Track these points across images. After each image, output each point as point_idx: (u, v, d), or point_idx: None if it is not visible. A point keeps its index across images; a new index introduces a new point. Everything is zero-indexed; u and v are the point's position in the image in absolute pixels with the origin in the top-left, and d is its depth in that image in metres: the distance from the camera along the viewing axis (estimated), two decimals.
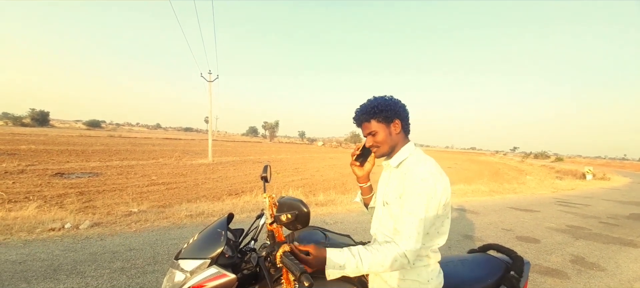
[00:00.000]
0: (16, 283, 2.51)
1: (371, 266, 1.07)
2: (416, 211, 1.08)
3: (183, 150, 27.25)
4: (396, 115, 1.23)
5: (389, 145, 1.25)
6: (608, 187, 15.61)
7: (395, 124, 1.23)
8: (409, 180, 1.13)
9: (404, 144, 1.26)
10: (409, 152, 1.23)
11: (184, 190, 10.29)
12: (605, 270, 3.78)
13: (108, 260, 3.05)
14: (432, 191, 1.09)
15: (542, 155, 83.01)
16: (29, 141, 23.48)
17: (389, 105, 1.22)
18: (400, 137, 1.26)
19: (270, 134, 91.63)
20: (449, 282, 1.32)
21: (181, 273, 1.11)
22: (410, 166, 1.17)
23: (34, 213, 4.50)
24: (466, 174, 22.28)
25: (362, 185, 1.47)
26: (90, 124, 78.77)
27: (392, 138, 1.24)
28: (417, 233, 1.07)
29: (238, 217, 4.94)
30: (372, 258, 1.07)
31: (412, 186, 1.10)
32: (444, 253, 1.31)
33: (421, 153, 1.23)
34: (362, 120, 1.26)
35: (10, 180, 10.03)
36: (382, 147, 1.25)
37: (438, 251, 1.24)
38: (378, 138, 1.24)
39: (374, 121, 1.23)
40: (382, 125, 1.23)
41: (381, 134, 1.23)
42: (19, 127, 48.46)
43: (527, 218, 6.47)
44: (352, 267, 1.06)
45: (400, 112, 1.24)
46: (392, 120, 1.23)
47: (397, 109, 1.23)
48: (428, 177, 1.10)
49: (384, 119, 1.22)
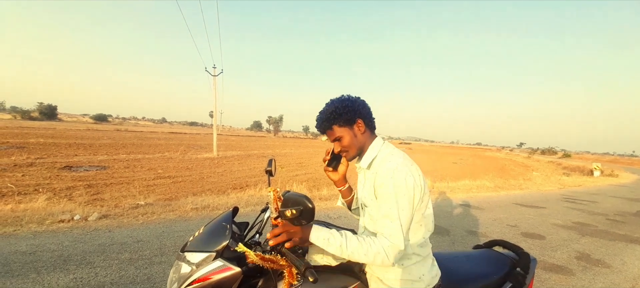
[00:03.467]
0: (26, 273, 2.57)
1: (354, 253, 1.06)
2: (390, 210, 1.06)
3: (188, 144, 27.46)
4: (357, 115, 1.20)
5: (356, 147, 1.23)
6: (616, 184, 15.40)
7: (358, 124, 1.21)
8: (378, 179, 1.11)
9: (371, 142, 1.24)
10: (377, 149, 1.22)
11: (189, 184, 10.39)
12: (611, 267, 3.75)
13: (116, 251, 3.11)
14: (402, 186, 1.06)
15: (550, 151, 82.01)
16: (38, 135, 23.86)
17: (348, 106, 1.18)
18: (366, 136, 1.24)
19: (274, 129, 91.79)
20: (454, 278, 1.31)
21: (187, 265, 1.13)
22: (380, 164, 1.16)
23: (43, 205, 4.59)
24: (471, 170, 22.12)
25: (340, 188, 1.45)
26: (98, 118, 79.69)
27: (358, 139, 1.22)
28: (396, 231, 1.05)
29: (243, 210, 4.98)
30: (357, 246, 1.06)
31: (383, 185, 1.09)
32: (448, 248, 1.31)
33: (389, 148, 1.21)
34: (324, 128, 1.22)
35: (20, 172, 10.22)
36: (351, 150, 1.23)
37: (427, 243, 1.22)
38: (344, 142, 1.21)
39: (336, 126, 1.20)
40: (345, 129, 1.20)
41: (346, 137, 1.21)
42: (28, 121, 49.21)
43: (532, 214, 6.42)
44: (335, 244, 1.06)
45: (361, 110, 1.21)
46: (354, 121, 1.20)
47: (357, 108, 1.20)
48: (396, 173, 1.08)
49: (345, 122, 1.19)
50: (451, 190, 8.75)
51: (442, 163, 28.86)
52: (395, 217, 1.05)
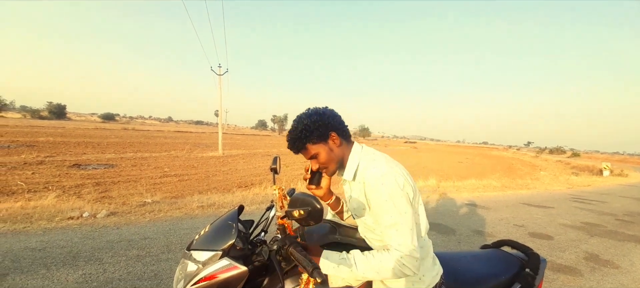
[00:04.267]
0: (36, 269, 2.62)
1: (365, 273, 1.02)
2: (393, 218, 1.01)
3: (194, 143, 27.67)
4: (329, 128, 1.14)
5: (335, 161, 1.17)
6: (625, 184, 15.13)
7: (332, 138, 1.15)
8: (369, 189, 1.07)
9: (349, 152, 1.19)
10: (358, 158, 1.16)
11: (195, 182, 10.48)
12: (620, 267, 3.69)
13: (124, 247, 3.15)
14: (396, 188, 1.03)
15: (558, 150, 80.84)
16: (47, 133, 24.26)
17: (317, 121, 1.12)
18: (343, 147, 1.18)
19: (279, 127, 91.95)
20: (461, 278, 1.30)
21: (194, 263, 1.13)
22: (365, 172, 1.11)
23: (53, 202, 4.66)
24: (478, 169, 21.92)
25: (327, 202, 1.39)
26: (105, 117, 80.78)
27: (335, 153, 1.16)
28: (406, 238, 1.01)
29: (248, 208, 5.01)
30: (367, 265, 1.02)
31: (376, 195, 1.04)
32: (454, 248, 1.30)
33: (369, 153, 1.17)
34: (298, 148, 1.16)
35: (30, 170, 10.40)
36: (330, 165, 1.18)
37: (425, 241, 1.19)
38: (321, 159, 1.16)
39: (310, 144, 1.14)
40: (320, 145, 1.14)
41: (322, 154, 1.15)
42: (37, 120, 50.05)
43: (540, 214, 6.34)
44: (346, 270, 1.03)
45: (332, 122, 1.15)
46: (328, 135, 1.14)
47: (327, 121, 1.13)
48: (385, 177, 1.04)
49: (318, 138, 1.13)
50: (457, 189, 8.68)
51: (448, 162, 28.64)
52: (401, 223, 1.01)
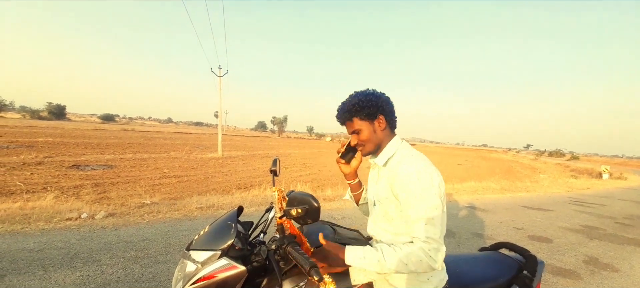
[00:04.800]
0: (34, 270, 2.60)
1: (393, 264, 1.02)
2: (424, 212, 1.03)
3: (193, 144, 27.66)
4: (379, 111, 1.17)
5: (374, 143, 1.20)
6: (625, 187, 15.13)
7: (379, 120, 1.18)
8: (401, 182, 1.08)
9: (390, 140, 1.21)
10: (395, 148, 1.19)
11: (194, 183, 10.46)
12: (619, 271, 3.68)
13: (122, 249, 3.14)
14: (430, 185, 1.04)
15: (557, 153, 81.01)
16: (46, 134, 24.24)
17: (371, 100, 1.16)
18: (386, 133, 1.21)
19: (278, 129, 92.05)
20: (460, 280, 1.29)
21: (193, 263, 1.13)
22: (399, 164, 1.12)
23: (51, 203, 4.65)
24: (477, 172, 21.94)
25: (350, 182, 1.44)
26: (105, 118, 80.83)
27: (376, 135, 1.19)
28: (434, 231, 1.02)
29: (247, 210, 5.00)
30: (395, 256, 1.02)
31: (409, 188, 1.05)
32: (453, 250, 1.30)
33: (408, 148, 1.19)
34: (345, 119, 1.21)
35: (29, 171, 10.38)
36: (368, 145, 1.21)
37: None
38: (362, 136, 1.19)
39: (357, 119, 1.18)
40: (366, 123, 1.18)
41: (365, 131, 1.18)
42: (37, 120, 50.02)
43: (539, 217, 6.34)
44: (373, 260, 1.03)
45: (384, 106, 1.18)
46: (376, 116, 1.17)
47: (380, 104, 1.17)
48: (422, 174, 1.05)
49: (366, 116, 1.17)
50: (457, 191, 8.68)
51: (447, 164, 28.65)
52: (431, 217, 1.02)
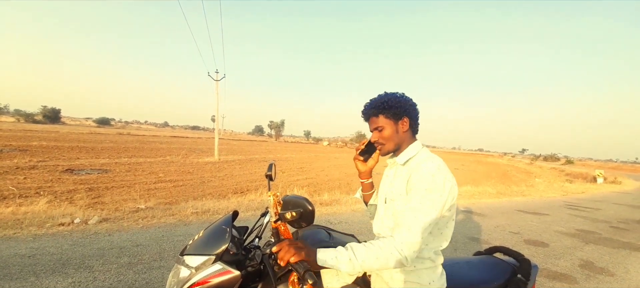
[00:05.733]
0: (25, 276, 2.56)
1: (365, 260, 0.99)
2: (420, 206, 1.04)
3: (190, 149, 27.52)
4: (405, 113, 1.20)
5: (394, 142, 1.22)
6: (619, 191, 15.29)
7: (403, 121, 1.21)
8: (415, 175, 1.10)
9: (411, 143, 1.23)
10: (417, 150, 1.21)
11: (190, 188, 10.38)
12: (614, 275, 3.70)
13: (115, 255, 3.09)
14: (439, 188, 1.05)
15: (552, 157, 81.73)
16: (41, 138, 23.97)
17: (399, 102, 1.19)
18: (407, 135, 1.23)
19: (275, 133, 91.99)
20: (454, 284, 1.29)
21: (186, 269, 1.12)
22: (418, 163, 1.14)
23: (44, 208, 4.59)
24: (473, 176, 22.03)
25: (363, 180, 1.44)
26: (100, 122, 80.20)
27: (398, 135, 1.22)
28: (417, 228, 1.01)
29: (243, 215, 4.96)
30: (366, 253, 1.00)
31: (419, 181, 1.07)
32: (449, 255, 1.30)
33: (428, 153, 1.20)
34: (371, 114, 1.24)
35: (22, 175, 10.25)
36: (388, 144, 1.23)
37: (441, 253, 1.20)
38: (384, 134, 1.21)
39: (382, 116, 1.21)
40: (390, 122, 1.21)
41: (388, 130, 1.21)
42: (31, 124, 49.49)
43: (535, 221, 6.37)
44: (345, 259, 0.99)
45: (410, 110, 1.22)
46: (401, 117, 1.20)
47: (407, 107, 1.21)
48: (436, 174, 1.07)
49: (392, 115, 1.20)
50: None
51: None
52: (423, 212, 1.03)
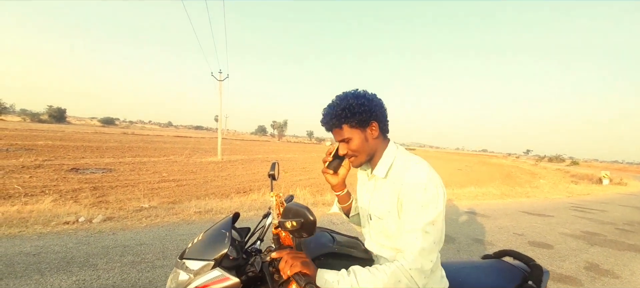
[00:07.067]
0: (30, 274, 2.58)
1: (369, 286, 0.92)
2: (421, 225, 0.93)
3: (193, 148, 27.64)
4: (372, 117, 1.04)
5: (366, 153, 1.08)
6: (625, 193, 15.09)
7: (372, 127, 1.05)
8: (406, 191, 0.98)
9: (384, 148, 1.09)
10: (393, 155, 1.07)
11: (193, 187, 10.44)
12: (620, 277, 3.65)
13: (119, 253, 3.11)
14: (435, 199, 0.94)
15: (557, 158, 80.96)
16: (46, 137, 24.23)
17: (364, 105, 1.02)
18: (379, 140, 1.09)
19: (278, 133, 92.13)
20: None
21: (185, 273, 1.11)
22: (405, 171, 1.01)
23: (49, 206, 4.63)
24: (477, 177, 21.90)
25: (338, 193, 1.31)
26: (105, 121, 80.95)
27: (369, 144, 1.07)
28: (425, 251, 0.92)
29: (245, 214, 4.97)
30: (371, 280, 0.92)
31: (413, 200, 0.96)
32: (453, 256, 1.27)
33: (406, 154, 1.08)
34: (333, 125, 1.06)
35: (28, 174, 10.36)
36: (360, 156, 1.08)
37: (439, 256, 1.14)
38: (353, 146, 1.06)
39: (347, 126, 1.04)
40: (357, 131, 1.05)
41: (356, 140, 1.05)
42: (37, 123, 50.03)
43: (540, 223, 6.31)
44: (346, 285, 0.92)
45: (377, 111, 1.05)
46: (368, 123, 1.05)
47: (373, 109, 1.04)
48: (428, 184, 0.95)
49: (358, 123, 1.03)
50: (456, 197, 8.64)
51: (447, 169, 28.61)
52: (426, 232, 0.93)
